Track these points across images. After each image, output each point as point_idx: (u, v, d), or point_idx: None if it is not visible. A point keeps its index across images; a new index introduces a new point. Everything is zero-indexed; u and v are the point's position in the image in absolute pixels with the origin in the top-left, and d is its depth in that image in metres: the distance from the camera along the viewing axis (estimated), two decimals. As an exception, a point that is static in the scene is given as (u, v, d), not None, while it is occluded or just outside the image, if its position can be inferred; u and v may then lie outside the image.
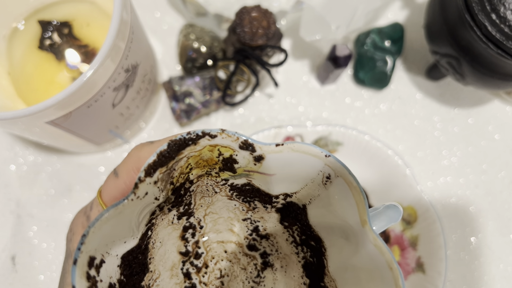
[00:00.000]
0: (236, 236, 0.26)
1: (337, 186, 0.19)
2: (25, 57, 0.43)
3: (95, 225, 0.17)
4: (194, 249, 0.25)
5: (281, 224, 0.25)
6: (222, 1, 0.48)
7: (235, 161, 0.20)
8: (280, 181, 0.21)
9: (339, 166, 0.18)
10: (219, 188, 0.23)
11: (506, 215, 0.48)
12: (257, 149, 0.18)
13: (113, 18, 0.31)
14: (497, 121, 0.51)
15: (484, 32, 0.37)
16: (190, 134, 0.17)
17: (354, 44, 0.51)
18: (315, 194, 0.21)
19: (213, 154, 0.19)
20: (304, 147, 0.18)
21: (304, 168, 0.19)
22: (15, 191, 0.47)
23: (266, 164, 0.19)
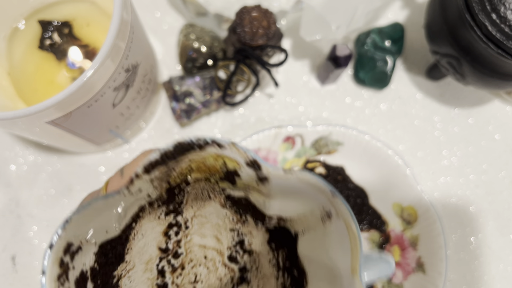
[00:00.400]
0: (220, 244, 0.26)
1: (335, 226, 0.19)
2: (25, 57, 0.43)
3: (80, 212, 0.16)
4: (174, 247, 0.25)
5: (268, 245, 0.25)
6: (222, 1, 0.48)
7: (237, 175, 0.20)
8: (278, 204, 0.21)
9: (343, 207, 0.17)
10: (214, 195, 0.23)
11: (506, 215, 0.48)
12: (264, 171, 0.18)
13: (113, 18, 0.31)
14: (498, 121, 0.51)
15: (484, 32, 0.37)
16: (199, 140, 0.17)
17: (354, 44, 0.52)
18: (310, 226, 0.21)
19: (217, 162, 0.19)
20: (312, 179, 0.17)
21: (307, 199, 0.19)
22: (15, 191, 0.47)
23: (269, 186, 0.19)
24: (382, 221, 0.46)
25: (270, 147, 0.46)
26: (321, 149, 0.47)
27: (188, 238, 0.25)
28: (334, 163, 0.47)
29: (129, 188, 0.17)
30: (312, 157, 0.47)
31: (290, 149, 0.46)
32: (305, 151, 0.47)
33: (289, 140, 0.46)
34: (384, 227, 0.46)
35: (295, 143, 0.46)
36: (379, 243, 0.45)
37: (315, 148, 0.46)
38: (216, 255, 0.26)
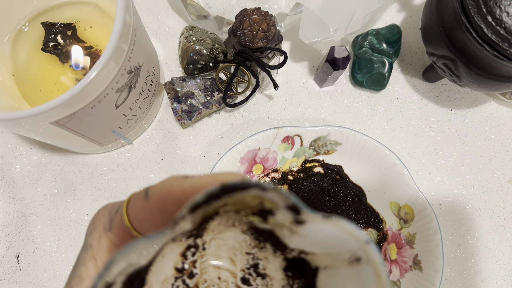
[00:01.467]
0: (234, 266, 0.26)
1: (363, 271, 0.19)
2: (29, 58, 0.44)
3: (124, 254, 0.16)
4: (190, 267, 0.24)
5: (283, 272, 0.25)
6: (222, 4, 0.49)
7: (272, 214, 0.20)
8: (304, 241, 0.21)
9: (375, 256, 0.18)
10: (239, 223, 0.23)
11: (502, 213, 0.49)
12: (303, 215, 0.18)
13: (116, 20, 0.32)
14: (493, 122, 0.51)
15: (480, 34, 0.38)
16: (243, 183, 0.17)
17: (352, 46, 0.52)
18: (334, 265, 0.21)
19: (254, 201, 0.19)
20: (348, 227, 0.18)
21: (337, 242, 0.19)
22: (20, 191, 0.48)
23: (302, 228, 0.19)
24: (379, 220, 0.47)
25: (269, 147, 0.46)
26: (319, 149, 0.47)
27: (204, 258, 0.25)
28: (333, 162, 0.48)
29: (174, 229, 0.18)
30: (311, 157, 0.48)
31: (289, 149, 0.47)
32: (304, 151, 0.47)
33: (288, 140, 0.46)
34: (381, 225, 0.46)
35: (294, 143, 0.47)
36: (376, 242, 0.46)
37: (314, 148, 0.47)
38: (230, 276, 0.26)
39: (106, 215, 0.23)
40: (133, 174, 0.49)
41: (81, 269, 0.22)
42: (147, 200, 0.20)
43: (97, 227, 0.23)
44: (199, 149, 0.49)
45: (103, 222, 0.23)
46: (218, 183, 0.17)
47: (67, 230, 0.47)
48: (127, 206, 0.22)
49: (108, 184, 0.48)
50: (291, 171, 0.48)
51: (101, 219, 0.23)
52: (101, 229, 0.23)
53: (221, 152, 0.49)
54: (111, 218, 0.22)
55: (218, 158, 0.49)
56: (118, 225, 0.22)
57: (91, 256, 0.22)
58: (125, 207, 0.22)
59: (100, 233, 0.22)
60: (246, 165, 0.46)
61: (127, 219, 0.21)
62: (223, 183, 0.17)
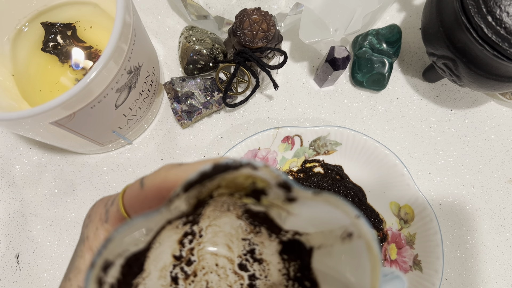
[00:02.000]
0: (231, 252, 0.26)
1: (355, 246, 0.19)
2: (29, 58, 0.43)
3: (122, 232, 0.17)
4: (187, 255, 0.25)
5: (279, 255, 0.25)
6: (222, 4, 0.49)
7: (265, 194, 0.20)
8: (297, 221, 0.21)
9: (366, 229, 0.18)
10: (234, 208, 0.23)
11: (502, 214, 0.49)
12: (294, 192, 0.19)
13: (116, 20, 0.32)
14: (493, 122, 0.51)
15: (480, 34, 0.38)
16: (235, 162, 0.18)
17: (352, 46, 0.52)
18: (328, 243, 0.21)
19: (246, 181, 0.20)
20: (339, 202, 0.18)
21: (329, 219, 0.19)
22: (19, 191, 0.48)
23: (295, 206, 0.20)
24: (379, 220, 0.47)
25: (269, 147, 0.46)
26: (319, 149, 0.47)
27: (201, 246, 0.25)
28: (332, 163, 0.48)
29: (169, 207, 0.18)
30: (311, 157, 0.48)
31: (289, 149, 0.47)
32: (303, 151, 0.47)
33: (288, 140, 0.46)
34: (381, 225, 0.46)
35: (294, 143, 0.47)
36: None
37: (314, 148, 0.47)
38: (227, 263, 0.26)
39: (102, 207, 0.23)
40: (133, 174, 0.49)
41: (79, 261, 0.22)
42: (143, 189, 0.20)
43: (93, 219, 0.23)
44: (199, 149, 0.49)
45: (99, 214, 0.23)
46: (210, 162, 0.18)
47: (67, 230, 0.47)
48: (123, 197, 0.22)
49: (108, 184, 0.48)
50: (291, 171, 0.48)
51: (97, 211, 0.23)
52: (97, 221, 0.23)
53: (221, 152, 0.49)
54: (107, 209, 0.23)
55: (218, 158, 0.49)
56: (114, 216, 0.22)
57: (88, 247, 0.22)
58: (121, 197, 0.22)
59: (96, 224, 0.23)
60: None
61: (123, 209, 0.22)
62: (216, 162, 0.17)
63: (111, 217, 0.22)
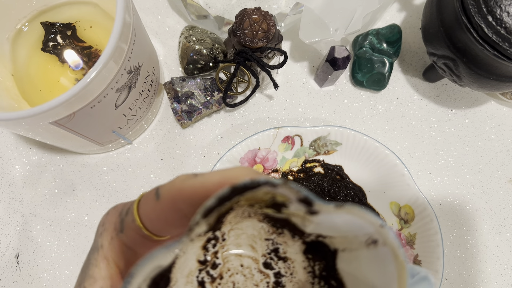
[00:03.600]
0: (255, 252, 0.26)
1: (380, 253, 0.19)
2: (29, 58, 0.43)
3: (144, 266, 0.17)
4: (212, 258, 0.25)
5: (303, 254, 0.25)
6: (222, 3, 0.49)
7: (285, 206, 0.20)
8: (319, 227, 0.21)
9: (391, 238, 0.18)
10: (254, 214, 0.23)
11: (502, 214, 0.49)
12: (315, 206, 0.18)
13: (116, 20, 0.32)
14: (493, 122, 0.51)
15: (480, 34, 0.38)
16: (253, 182, 0.17)
17: (352, 46, 0.52)
18: (352, 247, 0.21)
19: (265, 196, 0.20)
20: (362, 213, 0.18)
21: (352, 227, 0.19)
22: (19, 191, 0.48)
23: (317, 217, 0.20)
24: (379, 220, 0.46)
25: (269, 147, 0.46)
26: (319, 149, 0.47)
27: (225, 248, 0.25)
28: (333, 163, 0.48)
29: (190, 236, 0.18)
30: (311, 157, 0.48)
31: (289, 149, 0.47)
32: (304, 151, 0.47)
33: (288, 140, 0.46)
34: (381, 226, 0.46)
35: (294, 143, 0.47)
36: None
37: (314, 148, 0.47)
38: (252, 263, 0.26)
39: (117, 216, 0.23)
40: (133, 174, 0.49)
41: (93, 270, 0.22)
42: (159, 201, 0.20)
43: (108, 228, 0.23)
44: (199, 149, 0.49)
45: (114, 223, 0.23)
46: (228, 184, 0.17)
47: (67, 230, 0.47)
48: (138, 207, 0.22)
49: (107, 184, 0.48)
50: (291, 171, 0.48)
51: (111, 220, 0.23)
52: (112, 230, 0.23)
53: (221, 152, 0.49)
54: (122, 219, 0.22)
55: (218, 158, 0.49)
56: (129, 226, 0.22)
57: (102, 257, 0.22)
58: (135, 207, 0.22)
59: (111, 234, 0.23)
60: (246, 165, 0.46)
61: (138, 219, 0.21)
62: (233, 185, 0.17)
63: (126, 227, 0.22)
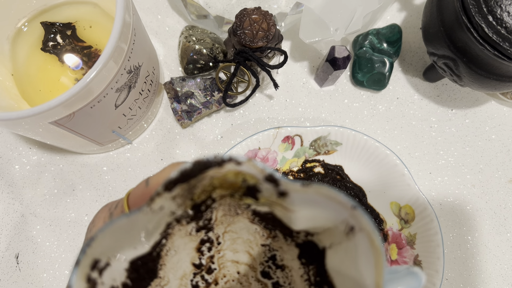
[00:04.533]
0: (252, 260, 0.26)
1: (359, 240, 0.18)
2: (28, 58, 0.43)
3: (105, 230, 0.17)
4: (207, 263, 0.25)
5: (298, 260, 0.25)
6: (222, 3, 0.49)
7: (258, 190, 0.20)
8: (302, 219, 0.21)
9: (364, 221, 0.17)
10: (241, 211, 0.23)
11: (503, 214, 0.49)
12: (282, 185, 0.18)
13: (116, 20, 0.32)
14: (494, 122, 0.51)
15: (481, 34, 0.38)
16: (217, 158, 0.17)
17: (353, 45, 0.52)
18: (336, 240, 0.21)
19: (237, 179, 0.19)
20: (330, 192, 0.17)
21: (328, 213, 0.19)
22: (19, 191, 0.48)
23: (289, 200, 0.19)
24: (380, 220, 0.46)
25: (269, 147, 0.46)
26: (319, 149, 0.47)
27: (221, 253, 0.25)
28: (333, 163, 0.48)
29: (150, 205, 0.18)
30: (311, 157, 0.48)
31: (289, 149, 0.47)
32: (304, 151, 0.47)
33: (288, 140, 0.46)
34: (382, 226, 0.46)
35: (294, 143, 0.47)
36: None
37: (314, 148, 0.47)
38: (249, 271, 0.26)
39: (106, 211, 0.23)
40: (132, 174, 0.48)
41: None
42: (147, 187, 0.21)
43: (97, 224, 0.23)
44: (199, 149, 0.49)
45: (103, 218, 0.23)
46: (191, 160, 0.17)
47: (67, 230, 0.47)
48: (128, 199, 0.22)
49: (107, 184, 0.48)
50: (291, 171, 0.48)
51: (100, 216, 0.23)
52: (101, 225, 0.23)
53: (221, 152, 0.49)
54: (111, 212, 0.23)
55: (218, 158, 0.49)
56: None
57: None
58: (125, 199, 0.22)
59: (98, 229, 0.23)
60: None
61: (127, 208, 0.22)
62: (196, 160, 0.17)
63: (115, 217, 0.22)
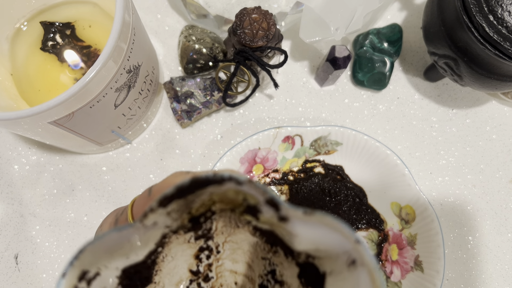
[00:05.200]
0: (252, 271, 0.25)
1: (360, 274, 0.18)
2: (27, 58, 0.43)
3: (94, 244, 0.16)
4: (205, 270, 0.24)
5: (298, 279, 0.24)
6: (222, 2, 0.48)
7: (259, 211, 0.19)
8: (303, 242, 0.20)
9: (367, 257, 0.17)
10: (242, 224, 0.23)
11: (504, 214, 0.49)
12: (282, 210, 0.17)
13: (115, 19, 0.32)
14: (495, 122, 0.51)
15: (481, 33, 0.38)
16: (216, 176, 0.16)
17: (353, 45, 0.52)
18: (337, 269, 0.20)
19: (238, 197, 0.19)
20: (334, 223, 0.16)
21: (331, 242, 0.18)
22: (18, 191, 0.47)
23: (291, 225, 0.18)
24: (380, 220, 0.46)
25: (270, 147, 0.46)
26: (320, 149, 0.47)
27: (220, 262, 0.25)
28: (333, 163, 0.47)
29: (143, 221, 0.17)
30: (311, 157, 0.47)
31: (289, 149, 0.47)
32: (304, 151, 0.47)
33: (288, 140, 0.46)
34: (382, 226, 0.46)
35: (294, 143, 0.47)
36: (377, 242, 0.46)
37: (314, 148, 0.47)
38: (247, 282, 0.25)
39: (113, 217, 0.24)
40: (132, 174, 0.48)
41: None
42: (150, 196, 0.21)
43: (104, 228, 0.24)
44: (198, 149, 0.49)
45: (109, 223, 0.24)
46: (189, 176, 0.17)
47: (66, 230, 0.47)
48: (132, 206, 0.22)
49: (107, 184, 0.48)
50: (291, 171, 0.47)
51: (108, 220, 0.24)
52: (106, 229, 0.23)
53: (221, 152, 0.49)
54: (117, 218, 0.23)
55: (218, 158, 0.49)
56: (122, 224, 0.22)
57: None
58: (130, 206, 0.22)
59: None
60: (246, 165, 0.46)
61: (130, 216, 0.22)
62: (194, 176, 0.16)
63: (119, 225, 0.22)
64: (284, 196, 0.47)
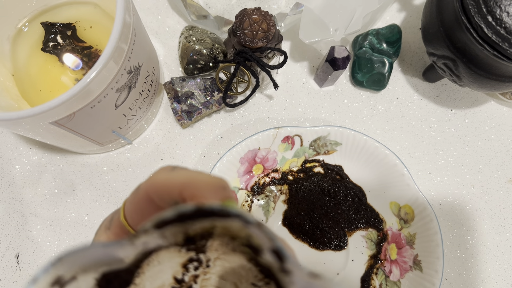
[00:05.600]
0: None
1: None
2: (29, 58, 0.43)
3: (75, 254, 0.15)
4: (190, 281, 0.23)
5: None
6: (222, 3, 0.49)
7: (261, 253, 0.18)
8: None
9: None
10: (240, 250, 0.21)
11: (502, 213, 0.49)
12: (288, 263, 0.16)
13: (116, 20, 0.32)
14: (493, 122, 0.51)
15: (480, 34, 0.38)
16: (223, 210, 0.15)
17: (352, 46, 0.52)
18: None
19: (241, 233, 0.18)
20: None
21: None
22: (19, 191, 0.48)
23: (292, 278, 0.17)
24: (379, 220, 0.46)
25: (269, 147, 0.46)
26: (319, 149, 0.47)
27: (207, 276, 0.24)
28: (333, 162, 0.48)
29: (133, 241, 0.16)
30: (311, 157, 0.48)
31: (289, 149, 0.47)
32: (304, 151, 0.47)
33: (288, 140, 0.46)
34: (381, 225, 0.46)
35: (294, 143, 0.47)
36: (376, 242, 0.46)
37: (314, 148, 0.47)
38: None
39: (110, 217, 0.24)
40: (132, 174, 0.49)
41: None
42: (137, 194, 0.21)
43: (101, 228, 0.24)
44: (199, 149, 0.49)
45: (106, 222, 0.24)
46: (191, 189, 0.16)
47: (67, 230, 0.47)
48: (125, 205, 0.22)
49: (108, 184, 0.48)
50: (291, 171, 0.48)
51: (106, 219, 0.24)
52: (102, 229, 0.24)
53: (221, 152, 0.49)
54: (113, 217, 0.23)
55: (218, 158, 0.49)
56: (116, 223, 0.23)
57: None
58: (122, 207, 0.22)
59: (101, 232, 0.23)
60: (246, 165, 0.46)
61: (123, 214, 0.22)
62: (199, 205, 0.15)
63: (113, 224, 0.23)
64: (284, 195, 0.47)
